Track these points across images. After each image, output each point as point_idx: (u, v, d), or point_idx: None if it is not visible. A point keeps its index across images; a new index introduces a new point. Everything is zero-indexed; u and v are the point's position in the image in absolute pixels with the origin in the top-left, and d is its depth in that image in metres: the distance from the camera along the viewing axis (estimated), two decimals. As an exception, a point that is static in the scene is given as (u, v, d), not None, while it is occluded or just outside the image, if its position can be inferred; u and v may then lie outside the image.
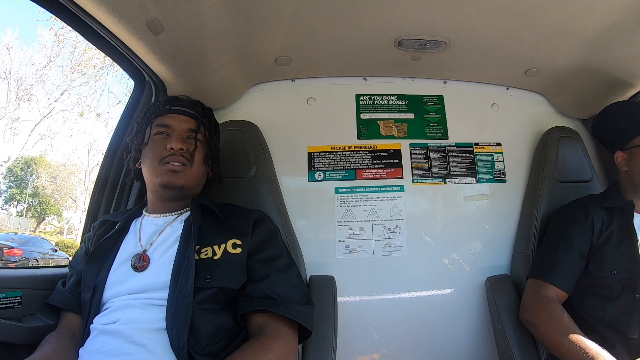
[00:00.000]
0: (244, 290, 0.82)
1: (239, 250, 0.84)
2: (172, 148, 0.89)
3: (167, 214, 0.93)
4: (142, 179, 0.98)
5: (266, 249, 0.88)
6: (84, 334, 0.80)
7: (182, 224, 0.88)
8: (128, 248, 0.88)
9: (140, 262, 0.83)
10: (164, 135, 0.92)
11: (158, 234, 0.88)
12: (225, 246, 0.84)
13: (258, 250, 0.87)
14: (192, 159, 0.92)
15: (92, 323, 0.80)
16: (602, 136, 1.21)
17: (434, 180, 1.36)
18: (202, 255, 0.82)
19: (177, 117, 0.95)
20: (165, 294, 0.78)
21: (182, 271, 0.79)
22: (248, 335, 0.82)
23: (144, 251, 0.85)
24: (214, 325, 0.77)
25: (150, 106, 0.97)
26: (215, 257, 0.83)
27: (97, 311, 0.81)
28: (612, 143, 1.14)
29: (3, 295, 0.87)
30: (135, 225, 0.93)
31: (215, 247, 0.84)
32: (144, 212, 0.96)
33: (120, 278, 0.83)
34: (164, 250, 0.85)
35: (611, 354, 0.84)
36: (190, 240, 0.83)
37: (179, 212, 0.93)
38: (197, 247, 0.83)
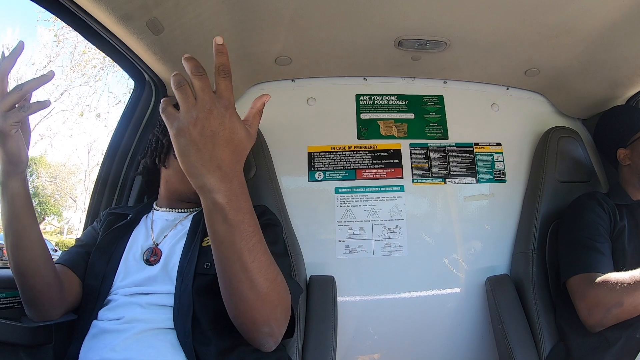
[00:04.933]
0: None
1: None
2: None
3: (178, 210, 0.94)
4: (152, 178, 0.99)
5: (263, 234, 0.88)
6: (86, 328, 0.80)
7: (191, 219, 0.89)
8: (139, 240, 0.88)
9: (153, 256, 0.84)
10: None
11: (170, 229, 0.89)
12: None
13: None
14: None
15: (95, 317, 0.80)
16: (604, 137, 1.23)
17: (434, 180, 1.36)
18: (204, 244, 0.83)
19: None
20: (171, 287, 0.78)
21: (186, 263, 0.80)
22: None
23: (156, 245, 0.86)
24: (213, 311, 0.77)
25: None
26: None
27: (103, 301, 0.81)
28: (613, 142, 1.17)
29: (3, 295, 0.87)
30: (146, 220, 0.94)
31: None
32: (154, 207, 0.97)
33: (130, 269, 0.83)
34: (174, 244, 0.86)
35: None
36: (197, 234, 0.84)
37: (189, 210, 0.94)
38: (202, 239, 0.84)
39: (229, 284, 0.58)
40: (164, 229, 0.90)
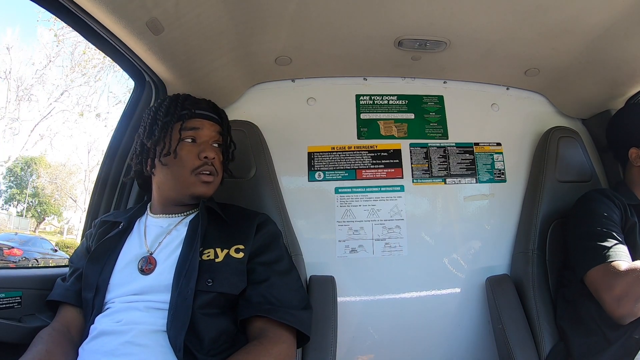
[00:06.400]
0: (244, 294, 0.82)
1: (241, 254, 0.84)
2: (206, 157, 0.88)
3: (172, 215, 0.92)
4: (146, 181, 0.97)
5: (267, 252, 0.87)
6: (85, 333, 0.80)
7: (187, 226, 0.88)
8: (132, 249, 0.87)
9: (147, 265, 0.82)
10: (191, 142, 0.90)
11: (164, 236, 0.87)
12: (229, 251, 0.84)
13: (259, 253, 0.86)
14: (220, 168, 0.92)
15: (92, 323, 0.79)
16: (616, 134, 1.20)
17: (434, 180, 1.36)
18: (204, 257, 0.82)
19: (204, 122, 0.92)
20: (167, 296, 0.77)
21: (184, 273, 0.78)
22: (248, 338, 0.82)
23: (150, 254, 0.85)
24: (216, 330, 0.77)
25: (171, 106, 0.91)
26: (217, 260, 0.82)
27: (99, 311, 0.81)
28: (626, 141, 1.13)
29: (3, 295, 0.87)
30: (139, 226, 0.92)
31: (218, 250, 0.83)
32: (147, 212, 0.95)
33: (125, 279, 0.82)
34: (169, 252, 0.84)
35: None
36: (194, 242, 0.82)
37: (184, 213, 0.92)
38: (200, 249, 0.83)
39: None
40: (158, 236, 0.88)
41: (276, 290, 0.82)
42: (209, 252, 0.83)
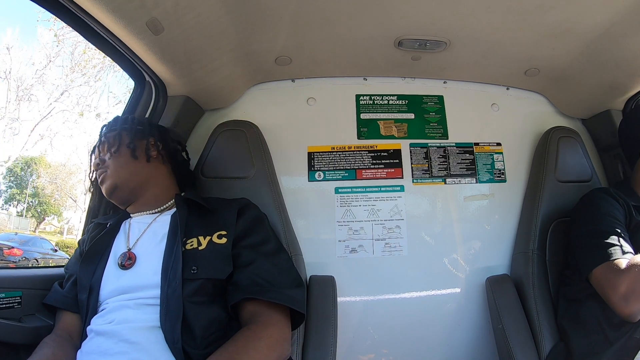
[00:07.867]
0: (231, 279, 0.82)
1: (224, 240, 0.84)
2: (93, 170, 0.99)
3: (149, 212, 0.95)
4: None
5: (251, 235, 0.88)
6: (83, 335, 0.81)
7: (169, 220, 0.90)
8: (120, 247, 0.89)
9: (127, 260, 0.84)
10: None
11: (144, 231, 0.90)
12: (211, 238, 0.85)
13: (243, 236, 0.87)
14: (104, 163, 0.96)
15: (89, 324, 0.80)
16: (629, 134, 1.16)
17: (434, 180, 1.36)
18: (188, 247, 0.83)
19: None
20: (157, 291, 0.78)
21: (171, 265, 0.79)
22: (241, 325, 0.82)
23: (129, 249, 0.87)
24: (207, 318, 0.77)
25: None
26: (200, 248, 0.83)
27: (95, 311, 0.81)
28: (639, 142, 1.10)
29: (3, 295, 0.87)
30: (125, 225, 0.95)
31: (201, 238, 0.85)
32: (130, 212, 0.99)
33: (111, 277, 0.84)
34: (153, 246, 0.86)
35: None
36: (177, 235, 0.84)
37: (159, 208, 0.95)
38: (183, 239, 0.84)
39: None
40: (139, 231, 0.91)
41: (264, 271, 0.82)
42: (192, 242, 0.84)
